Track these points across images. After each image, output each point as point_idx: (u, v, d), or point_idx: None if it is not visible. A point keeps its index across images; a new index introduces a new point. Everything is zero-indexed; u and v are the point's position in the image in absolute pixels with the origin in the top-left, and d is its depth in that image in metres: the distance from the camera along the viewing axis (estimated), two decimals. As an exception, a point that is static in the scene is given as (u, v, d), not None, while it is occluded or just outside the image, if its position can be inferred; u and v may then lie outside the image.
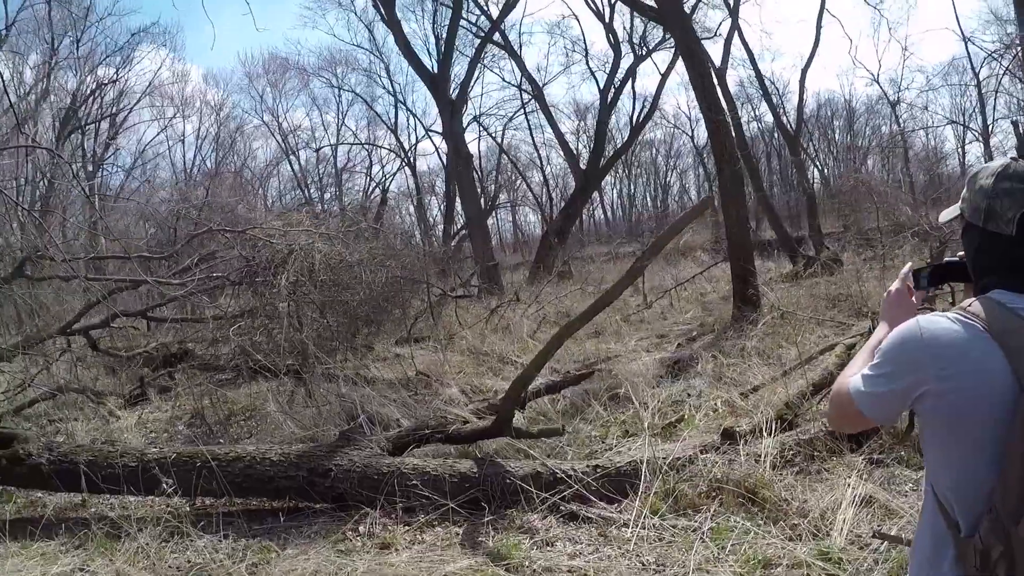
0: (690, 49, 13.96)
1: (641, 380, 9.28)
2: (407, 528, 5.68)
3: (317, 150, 50.02)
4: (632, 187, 61.86)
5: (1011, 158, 1.98)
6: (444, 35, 28.77)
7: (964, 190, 2.04)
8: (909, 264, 2.43)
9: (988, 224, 1.92)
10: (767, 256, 24.85)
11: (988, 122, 30.13)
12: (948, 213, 2.21)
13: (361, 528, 5.74)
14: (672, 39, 21.98)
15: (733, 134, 15.31)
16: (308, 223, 12.45)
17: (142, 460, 6.38)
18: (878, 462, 6.04)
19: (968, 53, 39.51)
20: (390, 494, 5.88)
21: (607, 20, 31.69)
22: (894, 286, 2.38)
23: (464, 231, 31.87)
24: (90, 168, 37.06)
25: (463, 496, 5.81)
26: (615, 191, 62.48)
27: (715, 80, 20.55)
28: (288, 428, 8.55)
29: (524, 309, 16.40)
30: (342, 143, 50.08)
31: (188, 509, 6.35)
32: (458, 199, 29.95)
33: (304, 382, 9.90)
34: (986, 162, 2.08)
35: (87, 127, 37.35)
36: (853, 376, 2.06)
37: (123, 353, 13.30)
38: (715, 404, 8.02)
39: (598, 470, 5.84)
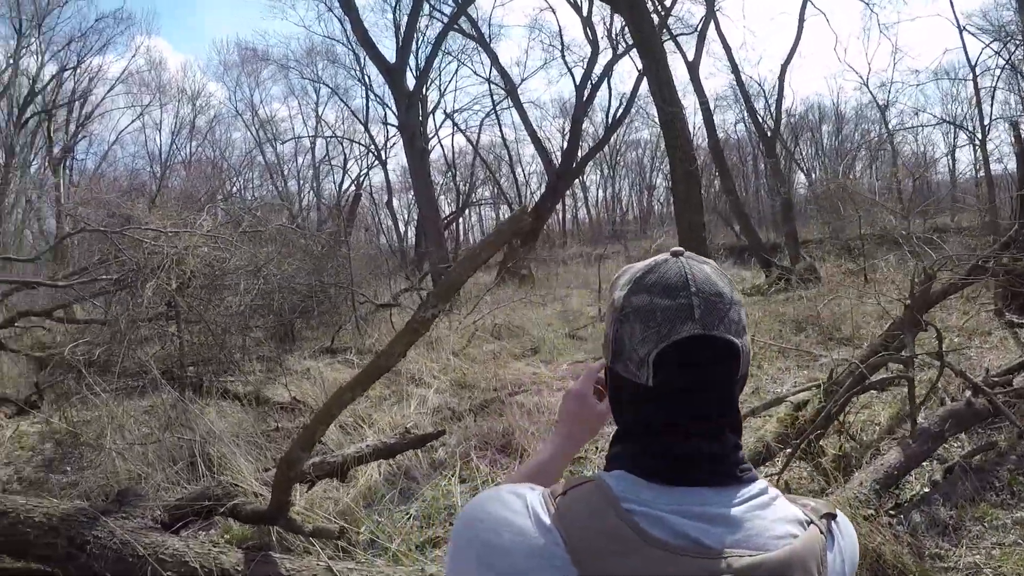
0: (641, 33, 12.45)
1: (545, 423, 7.77)
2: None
3: (284, 142, 48.40)
4: (616, 187, 60.52)
5: (672, 252, 1.31)
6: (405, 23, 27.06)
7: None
8: (603, 362, 1.53)
9: (616, 364, 1.27)
10: (743, 264, 23.46)
11: (985, 122, 28.82)
12: None
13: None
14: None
15: (689, 130, 13.75)
16: (203, 224, 11.14)
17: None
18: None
19: (964, 44, 38.48)
20: (143, 584, 4.43)
21: (584, 13, 30.27)
22: (577, 384, 1.69)
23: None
24: (56, 154, 35.69)
25: (226, 604, 4.27)
26: (600, 191, 61.30)
27: (688, 72, 19.27)
28: (119, 466, 7.16)
29: (460, 320, 14.85)
30: (317, 136, 48.42)
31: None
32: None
33: (182, 401, 8.66)
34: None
35: (54, 111, 35.97)
36: None
37: (29, 352, 12.34)
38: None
39: (406, 582, 4.28)
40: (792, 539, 1.15)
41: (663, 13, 20.44)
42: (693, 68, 21.16)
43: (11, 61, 32.66)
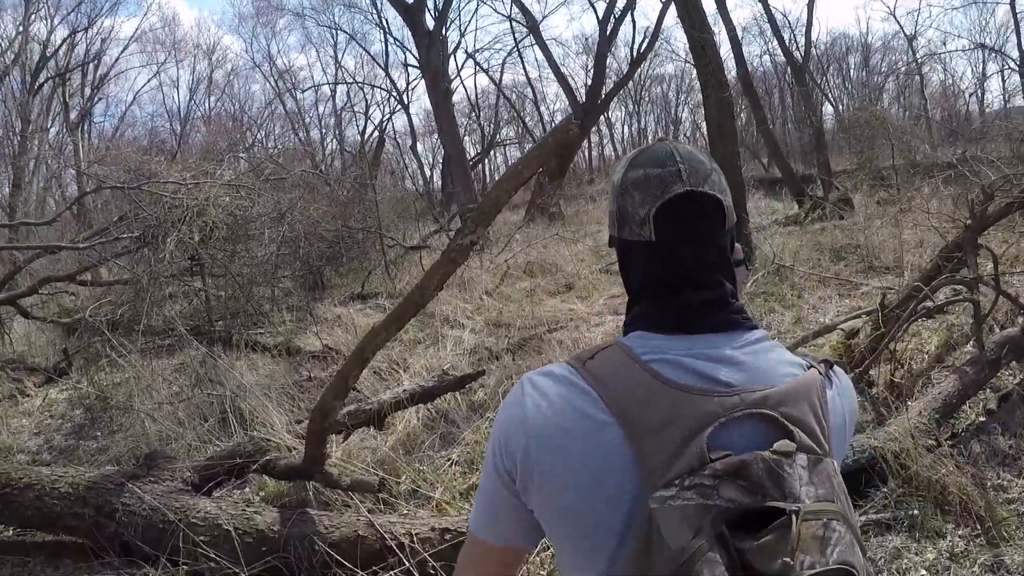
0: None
1: (585, 359, 7.54)
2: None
3: (304, 91, 48.03)
4: (642, 123, 59.64)
5: (659, 139, 1.47)
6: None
7: None
8: None
9: (623, 231, 1.40)
10: (773, 196, 23.03)
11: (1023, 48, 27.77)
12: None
13: (140, 596, 4.22)
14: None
15: (720, 57, 13.29)
16: (224, 174, 10.90)
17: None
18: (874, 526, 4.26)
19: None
20: (175, 550, 4.28)
21: (604, -58, 29.44)
22: None
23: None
24: (73, 119, 35.47)
25: (260, 564, 4.10)
26: (626, 127, 60.48)
27: (715, 2, 18.74)
28: (149, 428, 7.02)
29: (492, 259, 14.62)
30: (337, 83, 48.01)
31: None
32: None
33: (211, 356, 8.52)
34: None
35: (68, 75, 35.48)
36: None
37: (55, 320, 12.29)
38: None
39: (447, 536, 4.04)
40: (794, 377, 1.27)
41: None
42: (719, -3, 20.58)
43: (21, 28, 32.43)
